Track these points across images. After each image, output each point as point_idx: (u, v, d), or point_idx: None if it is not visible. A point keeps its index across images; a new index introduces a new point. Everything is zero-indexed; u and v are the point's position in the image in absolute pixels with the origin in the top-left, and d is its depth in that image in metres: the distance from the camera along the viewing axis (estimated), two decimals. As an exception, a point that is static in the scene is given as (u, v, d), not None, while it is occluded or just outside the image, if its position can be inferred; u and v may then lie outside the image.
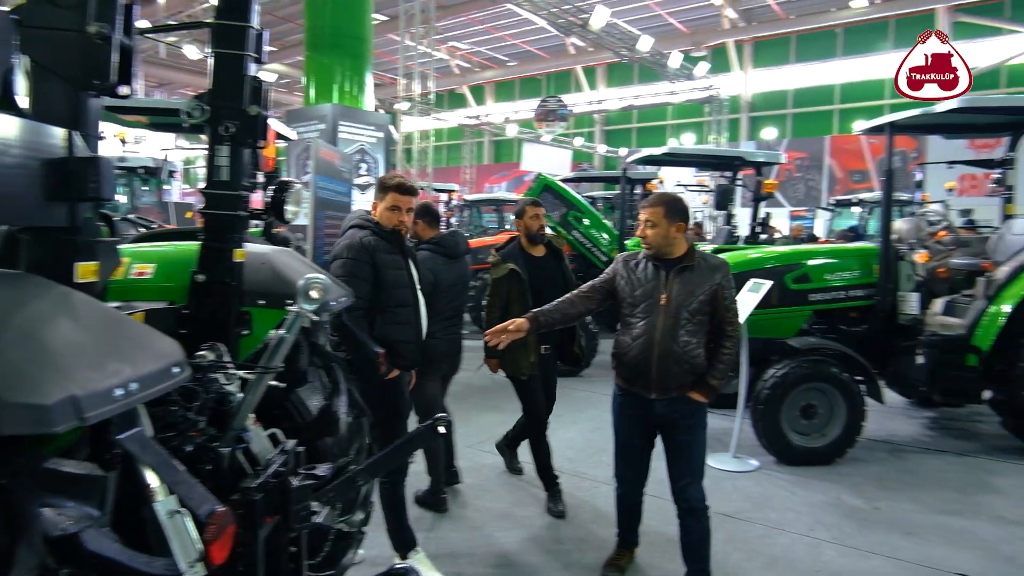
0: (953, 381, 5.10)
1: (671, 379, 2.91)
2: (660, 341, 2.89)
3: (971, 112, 5.12)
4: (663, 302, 2.91)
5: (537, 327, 3.11)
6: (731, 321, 2.99)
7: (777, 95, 27.25)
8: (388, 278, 3.12)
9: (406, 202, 3.19)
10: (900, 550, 3.61)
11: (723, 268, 3.00)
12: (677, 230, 2.95)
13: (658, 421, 3.02)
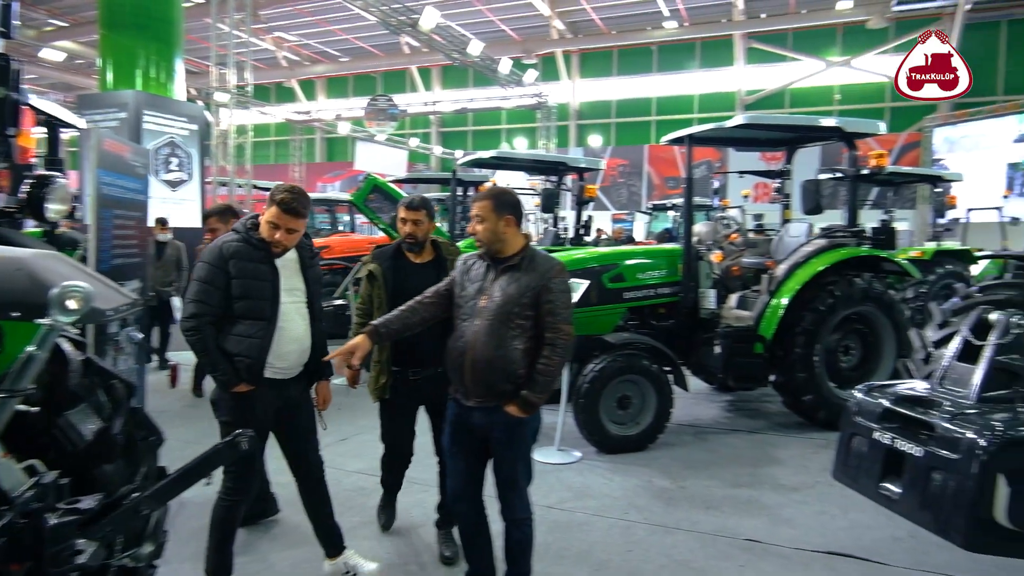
0: (744, 368, 5.72)
1: (485, 387, 2.74)
2: (474, 346, 2.73)
3: (755, 128, 5.79)
4: (483, 304, 2.76)
5: (379, 339, 2.93)
6: (554, 327, 2.72)
7: (602, 105, 29.04)
8: (239, 288, 2.88)
9: (286, 222, 2.87)
10: (700, 523, 3.97)
11: (553, 270, 2.77)
12: (507, 224, 2.78)
13: (478, 431, 2.83)
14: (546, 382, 2.73)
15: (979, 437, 2.60)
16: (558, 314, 2.73)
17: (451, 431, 2.95)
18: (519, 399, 2.72)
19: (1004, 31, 23.44)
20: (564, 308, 2.77)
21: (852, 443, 3.19)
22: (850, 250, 5.89)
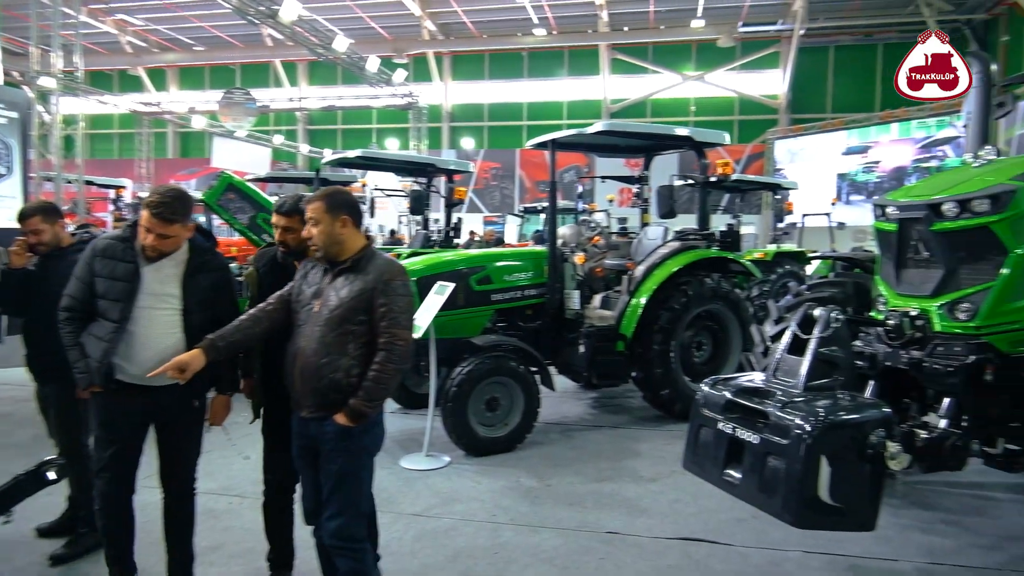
0: (607, 365, 5.93)
1: (315, 396, 2.59)
2: (304, 352, 2.60)
3: (614, 135, 6.02)
4: (316, 308, 2.63)
5: (216, 354, 2.70)
6: (389, 332, 2.56)
7: (475, 108, 29.24)
8: (100, 287, 2.83)
9: (156, 227, 2.75)
10: (564, 520, 4.06)
11: (388, 271, 2.63)
12: (343, 225, 2.63)
13: (313, 444, 2.66)
14: (377, 390, 2.56)
15: (804, 423, 2.83)
16: (393, 319, 2.57)
17: (296, 445, 2.78)
18: (347, 408, 2.54)
19: (832, 56, 26.20)
20: (401, 312, 2.61)
21: (699, 434, 3.38)
22: (701, 252, 6.28)
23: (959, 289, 3.36)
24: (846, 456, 2.83)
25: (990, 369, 3.25)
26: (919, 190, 3.64)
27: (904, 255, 3.61)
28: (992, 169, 3.55)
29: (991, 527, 3.98)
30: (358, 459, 2.65)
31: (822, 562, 3.55)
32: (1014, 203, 3.22)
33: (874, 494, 2.89)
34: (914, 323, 3.44)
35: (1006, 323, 3.27)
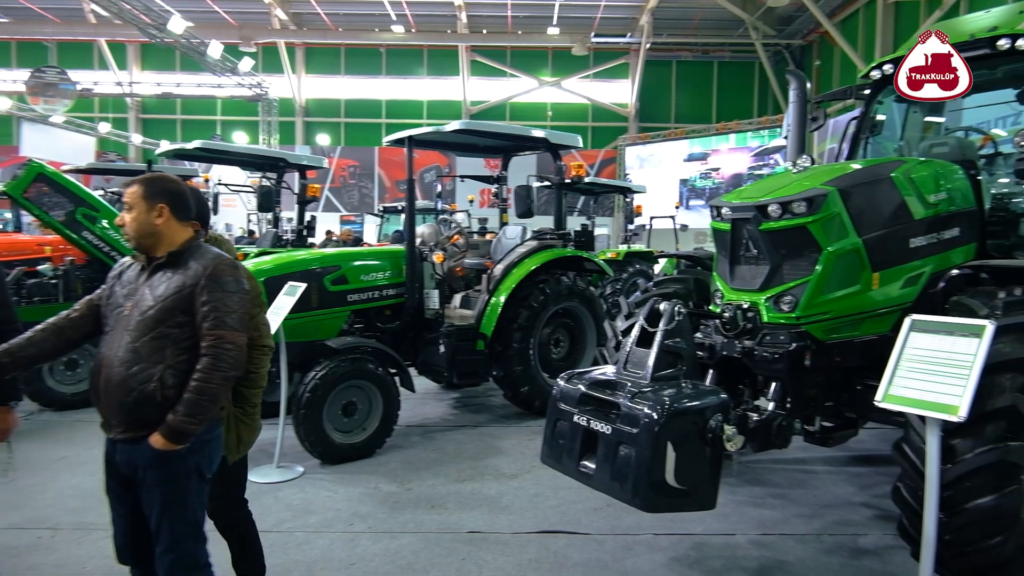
0: (468, 365, 5.92)
1: (124, 414, 2.23)
2: (111, 362, 2.24)
3: (471, 134, 6.02)
4: (126, 311, 2.30)
5: (1, 370, 2.32)
6: (213, 335, 2.24)
7: (331, 103, 28.24)
8: None
9: None
10: (425, 523, 3.98)
11: (214, 265, 2.31)
12: (159, 215, 2.32)
13: (126, 471, 2.30)
14: (199, 403, 2.20)
15: (652, 412, 2.97)
16: (219, 319, 2.25)
17: (105, 472, 2.41)
18: (163, 427, 2.19)
19: (675, 70, 28.19)
20: (230, 311, 2.29)
21: (556, 427, 3.44)
22: (558, 251, 6.45)
23: (783, 283, 3.69)
24: (689, 440, 3.01)
25: (808, 355, 3.60)
26: (749, 193, 3.96)
27: (737, 252, 3.91)
28: (809, 175, 3.93)
29: (811, 498, 4.42)
30: (184, 484, 2.29)
31: (670, 542, 3.76)
32: (826, 205, 3.59)
33: (714, 475, 3.09)
34: (746, 315, 3.73)
35: (821, 313, 3.64)
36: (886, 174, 3.91)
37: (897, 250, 3.88)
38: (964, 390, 2.76)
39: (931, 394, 2.86)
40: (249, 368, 2.67)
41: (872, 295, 3.77)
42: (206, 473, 2.38)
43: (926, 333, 3.03)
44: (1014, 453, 2.87)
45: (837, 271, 3.66)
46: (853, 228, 3.68)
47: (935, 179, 4.13)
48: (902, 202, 3.90)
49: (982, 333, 2.85)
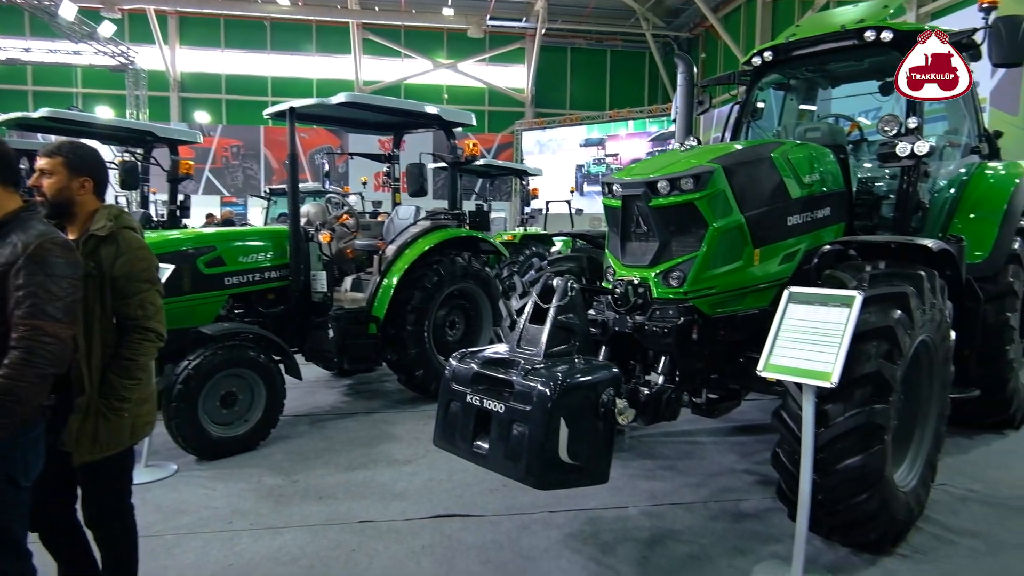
0: (359, 349, 5.68)
1: None
2: None
3: (359, 108, 5.74)
4: None
5: None
6: (21, 323, 1.96)
7: (210, 78, 26.44)
8: None
9: None
10: (312, 516, 3.76)
11: (36, 244, 2.01)
12: None
13: None
14: (3, 405, 1.92)
15: (544, 388, 2.92)
16: (35, 307, 1.97)
17: None
18: None
19: (570, 56, 28.55)
20: (51, 299, 2.00)
21: (449, 408, 3.33)
22: (452, 231, 6.31)
23: (672, 259, 3.75)
24: (582, 416, 2.99)
25: (695, 329, 3.69)
26: (639, 170, 3.99)
27: (628, 229, 3.93)
28: (696, 153, 4.02)
29: (699, 467, 4.58)
30: None
31: (565, 518, 3.75)
32: (712, 182, 3.67)
33: (607, 449, 3.10)
34: (636, 291, 3.76)
35: (707, 288, 3.73)
36: (767, 154, 4.06)
37: (776, 227, 4.05)
38: (836, 357, 2.91)
39: (807, 362, 2.99)
40: (125, 353, 2.37)
41: (754, 270, 3.92)
42: (21, 480, 2.06)
43: (803, 304, 3.16)
44: (879, 415, 3.06)
45: (722, 247, 3.76)
46: (736, 205, 3.79)
47: (809, 161, 4.34)
48: (781, 182, 4.07)
49: (852, 303, 3.01)
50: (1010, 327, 4.92)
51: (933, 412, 3.75)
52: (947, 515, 3.85)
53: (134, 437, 2.50)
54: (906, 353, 3.19)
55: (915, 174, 4.67)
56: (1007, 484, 4.35)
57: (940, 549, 3.45)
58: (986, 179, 5.17)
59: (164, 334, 2.51)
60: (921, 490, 3.62)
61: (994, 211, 4.96)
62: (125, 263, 2.41)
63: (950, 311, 3.76)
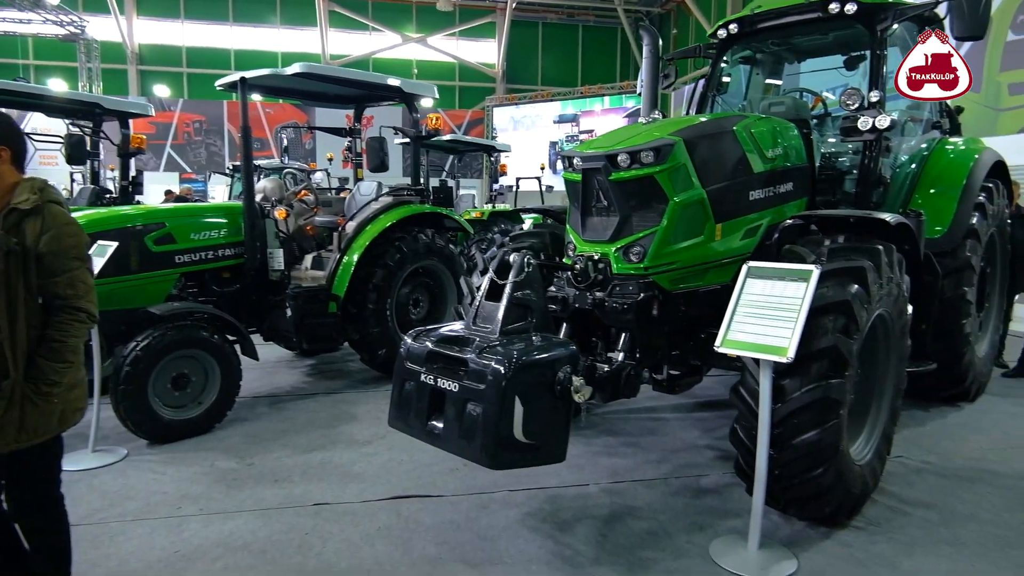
0: (318, 329, 5.55)
1: None
2: None
3: (315, 79, 5.54)
4: None
5: None
6: None
7: (170, 51, 25.59)
8: None
9: None
10: (266, 499, 3.67)
11: None
12: None
13: None
14: None
15: (499, 367, 2.85)
16: None
17: None
18: None
19: (541, 32, 28.19)
20: None
21: (404, 388, 3.25)
22: (415, 207, 6.18)
23: (632, 234, 3.68)
24: (537, 394, 2.93)
25: (656, 305, 3.64)
26: (600, 143, 3.90)
27: (589, 203, 3.85)
28: (657, 126, 3.94)
29: (660, 444, 4.57)
30: None
31: (525, 497, 3.71)
32: (673, 155, 3.60)
33: (563, 427, 3.04)
34: (596, 267, 3.69)
35: (667, 264, 3.67)
36: (729, 127, 4.00)
37: (738, 202, 4.00)
38: (793, 332, 2.88)
39: (764, 337, 2.96)
40: (53, 335, 2.23)
41: (715, 245, 3.87)
42: None
43: (761, 279, 3.12)
44: (835, 390, 3.05)
45: (683, 222, 3.70)
46: (698, 179, 3.73)
47: (773, 135, 4.29)
48: (743, 155, 4.01)
49: (809, 277, 2.98)
50: (967, 301, 4.98)
51: (889, 386, 3.77)
52: (902, 487, 3.90)
53: (63, 424, 2.37)
54: (863, 327, 3.18)
55: (877, 149, 4.66)
56: (961, 456, 4.43)
57: (894, 520, 3.49)
58: (946, 155, 5.19)
59: (96, 314, 2.37)
60: (877, 463, 3.65)
61: (953, 186, 4.99)
62: (52, 239, 2.26)
63: (907, 285, 3.76)
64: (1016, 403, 5.68)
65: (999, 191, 5.46)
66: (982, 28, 4.08)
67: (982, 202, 5.12)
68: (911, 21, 5.19)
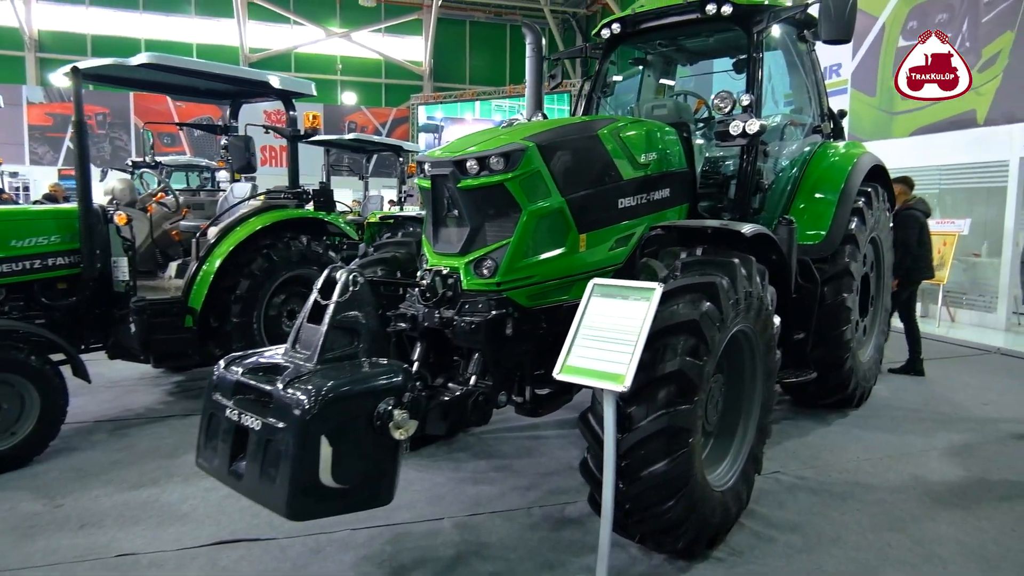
0: (170, 345, 5.04)
1: None
2: None
3: (163, 70, 5.02)
4: None
5: None
6: None
7: (74, 38, 24.02)
8: None
9: None
10: (61, 551, 3.18)
11: None
12: None
13: None
14: None
15: (302, 401, 2.49)
16: None
17: None
18: None
19: (468, 30, 27.83)
20: None
21: (210, 423, 2.85)
22: (287, 211, 5.73)
23: (485, 246, 3.38)
24: (351, 431, 2.59)
25: (510, 323, 3.35)
26: (452, 147, 3.58)
27: (440, 213, 3.54)
28: (513, 130, 3.65)
29: (534, 467, 4.30)
30: None
31: (368, 536, 3.36)
32: (525, 161, 3.31)
33: (387, 466, 2.72)
34: (445, 282, 3.38)
35: (523, 278, 3.39)
36: (593, 131, 3.75)
37: (605, 210, 3.76)
38: (631, 357, 2.63)
39: (604, 363, 2.70)
40: None
41: (581, 257, 3.62)
42: None
43: (605, 298, 2.87)
44: (682, 417, 2.81)
45: (539, 233, 3.43)
46: (556, 187, 3.46)
47: (646, 139, 4.08)
48: (609, 161, 3.78)
49: (652, 296, 2.74)
50: (847, 308, 4.91)
51: (757, 404, 3.59)
52: (772, 507, 3.75)
53: None
54: (715, 348, 2.96)
55: (753, 153, 4.52)
56: (838, 468, 4.33)
57: (757, 548, 3.31)
58: (826, 159, 5.13)
59: None
60: (743, 487, 3.46)
61: (831, 192, 4.92)
62: None
63: (773, 296, 3.59)
64: (899, 407, 5.70)
65: (879, 195, 5.44)
66: (848, 32, 3.97)
67: (860, 207, 5.07)
68: (788, 24, 5.10)
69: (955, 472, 4.31)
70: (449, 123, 24.23)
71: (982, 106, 9.03)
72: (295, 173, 6.14)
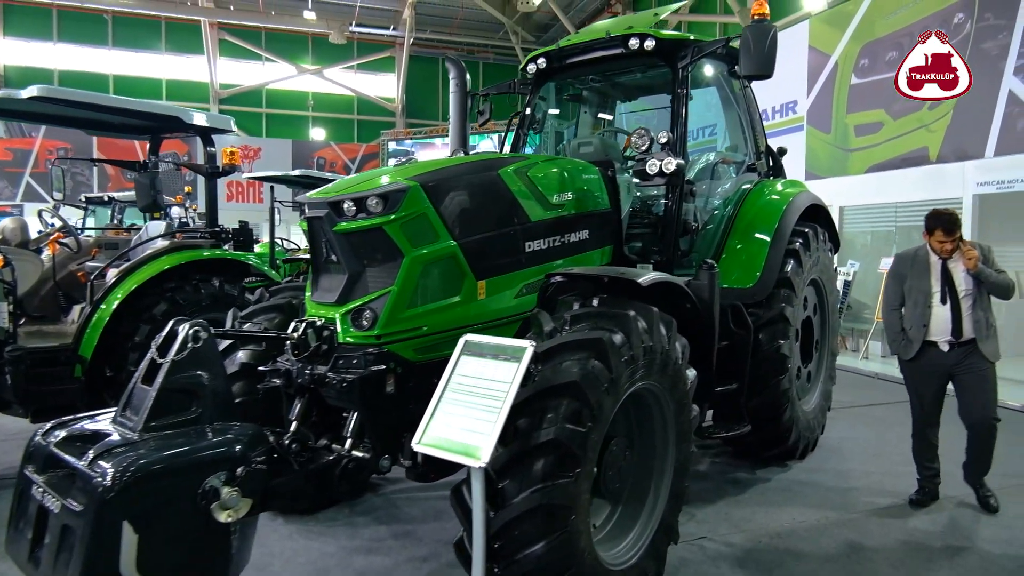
0: (55, 397, 4.62)
1: None
2: None
3: (56, 103, 4.73)
4: None
5: None
6: None
7: (40, 73, 23.65)
8: None
9: None
10: None
11: None
12: None
13: None
14: None
15: (103, 480, 2.14)
16: None
17: None
18: None
19: (441, 68, 27.91)
20: None
21: (20, 501, 2.47)
22: (196, 252, 5.38)
23: (364, 295, 3.08)
24: (165, 514, 2.22)
25: (392, 379, 3.03)
26: (331, 188, 3.30)
27: (319, 259, 3.24)
28: (402, 168, 3.39)
29: (438, 533, 3.91)
30: None
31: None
32: (406, 203, 3.04)
33: (215, 553, 2.35)
34: (320, 334, 3.06)
35: (408, 330, 3.08)
36: (493, 170, 3.49)
37: (509, 255, 3.48)
38: (493, 427, 2.31)
39: (466, 433, 2.38)
40: None
41: (481, 305, 3.32)
42: None
43: (475, 357, 2.56)
44: (559, 493, 2.47)
45: (428, 280, 3.13)
46: (446, 230, 3.18)
47: (561, 178, 3.83)
48: (514, 201, 3.51)
49: (522, 356, 2.43)
50: (783, 355, 4.63)
51: (670, 467, 3.26)
52: (688, 583, 3.40)
53: None
54: (603, 412, 2.64)
55: (678, 193, 4.29)
56: (770, 532, 4.00)
57: (665, 633, 2.95)
58: (762, 198, 4.91)
59: None
60: (650, 563, 3.11)
61: (765, 231, 4.68)
62: None
63: (685, 348, 3.29)
64: (847, 457, 5.40)
65: (817, 236, 5.22)
66: (768, 67, 3.77)
67: (796, 248, 4.83)
68: (720, 60, 4.94)
69: (895, 538, 3.99)
70: (419, 148, 24.04)
71: (934, 143, 8.98)
72: (213, 211, 5.82)
